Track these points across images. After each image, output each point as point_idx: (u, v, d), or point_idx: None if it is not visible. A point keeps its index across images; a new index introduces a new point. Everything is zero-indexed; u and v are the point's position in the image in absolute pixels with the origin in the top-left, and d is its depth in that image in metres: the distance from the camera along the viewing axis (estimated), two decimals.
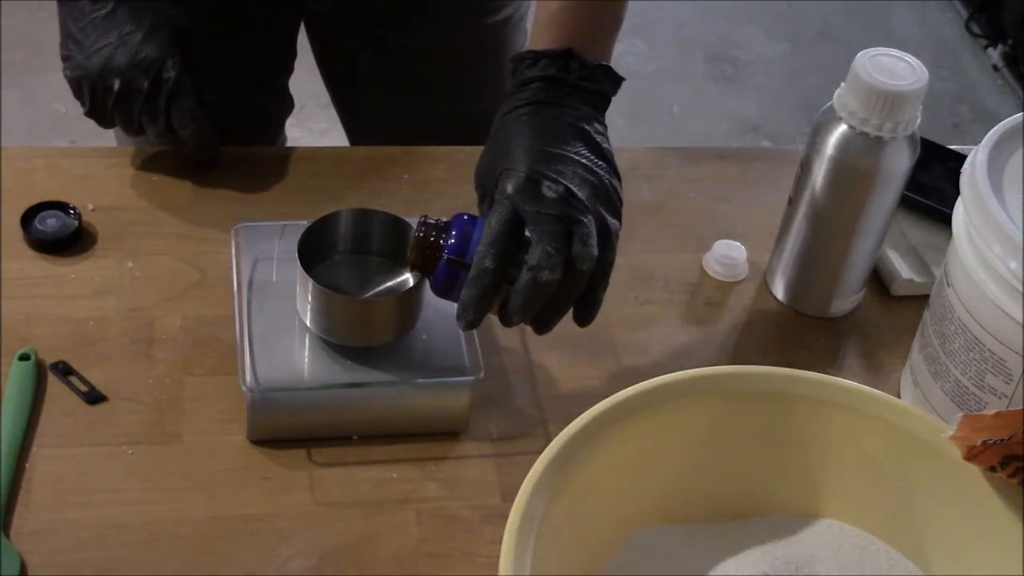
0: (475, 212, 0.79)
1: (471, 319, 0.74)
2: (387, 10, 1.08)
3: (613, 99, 0.84)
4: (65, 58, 0.91)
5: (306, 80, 1.20)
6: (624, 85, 0.85)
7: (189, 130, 0.92)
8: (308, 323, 0.79)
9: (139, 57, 0.89)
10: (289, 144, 1.23)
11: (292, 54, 1.15)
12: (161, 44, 0.90)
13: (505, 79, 0.81)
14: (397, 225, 0.83)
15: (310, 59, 1.16)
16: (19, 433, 0.77)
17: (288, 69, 1.17)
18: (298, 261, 0.78)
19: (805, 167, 0.88)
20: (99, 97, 0.91)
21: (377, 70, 1.12)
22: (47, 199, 0.91)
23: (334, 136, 1.58)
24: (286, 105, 1.20)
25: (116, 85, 0.89)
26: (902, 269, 0.95)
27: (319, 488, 0.78)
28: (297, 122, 1.23)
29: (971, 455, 0.69)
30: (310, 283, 0.77)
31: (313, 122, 2.12)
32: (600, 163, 0.77)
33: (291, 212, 0.94)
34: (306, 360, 0.80)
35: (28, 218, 0.90)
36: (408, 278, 0.83)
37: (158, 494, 0.76)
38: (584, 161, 0.76)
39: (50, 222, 0.90)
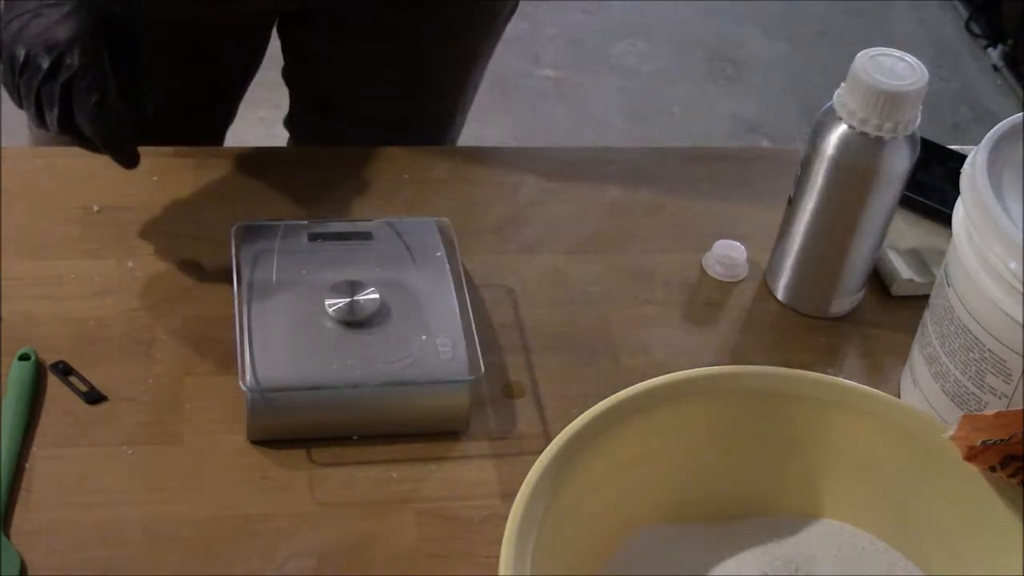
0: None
1: None
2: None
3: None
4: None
5: None
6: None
7: (88, 129, 0.82)
8: None
9: (47, 33, 0.80)
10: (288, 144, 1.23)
11: (251, 75, 1.15)
12: (76, 28, 0.80)
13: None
14: None
15: None
16: (19, 433, 0.77)
17: (243, 88, 1.16)
18: None
19: (805, 167, 0.88)
20: (7, 64, 0.82)
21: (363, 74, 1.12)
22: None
23: None
24: (230, 117, 1.19)
25: (21, 56, 0.81)
26: (902, 269, 0.95)
27: (319, 488, 0.78)
28: None
29: (971, 455, 0.69)
30: None
31: None
32: None
33: (291, 212, 0.94)
34: (306, 360, 0.80)
35: None
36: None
37: (158, 494, 0.76)
38: None
39: None
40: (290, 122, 1.21)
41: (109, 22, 0.82)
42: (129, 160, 0.84)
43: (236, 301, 0.82)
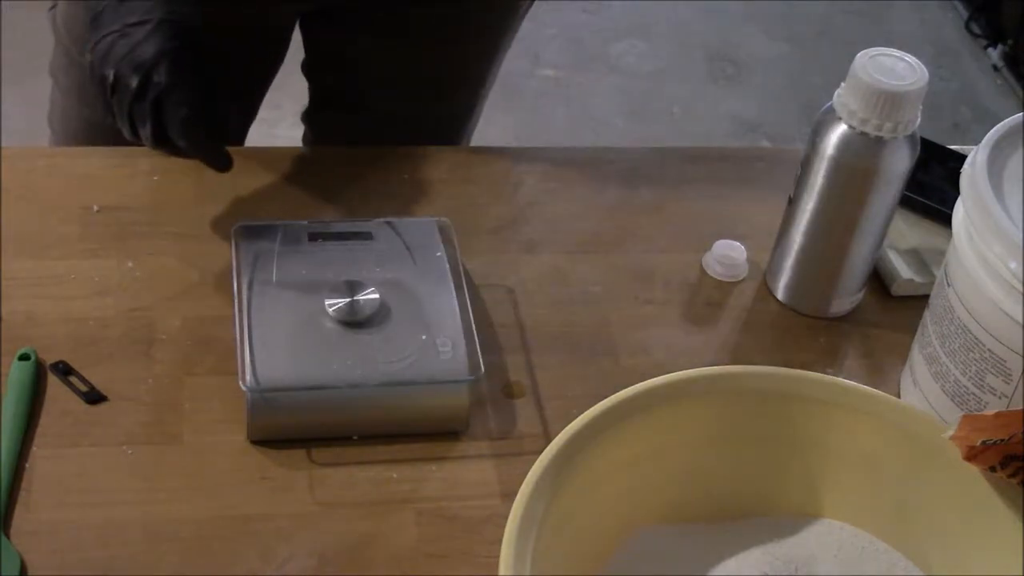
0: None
1: None
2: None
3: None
4: (87, 40, 0.88)
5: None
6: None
7: (181, 142, 0.86)
8: None
9: (133, 53, 0.84)
10: (289, 144, 1.23)
11: (273, 73, 1.15)
12: (160, 45, 0.84)
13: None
14: None
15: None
16: (19, 433, 0.77)
17: (265, 87, 1.16)
18: None
19: (805, 167, 0.88)
20: (98, 85, 0.87)
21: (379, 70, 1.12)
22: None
23: None
24: (251, 116, 1.19)
25: (110, 76, 0.85)
26: (902, 269, 0.95)
27: (319, 488, 0.78)
28: (297, 122, 1.23)
29: (971, 455, 0.69)
30: None
31: None
32: None
33: (291, 212, 0.94)
34: (306, 360, 0.80)
35: None
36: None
37: (158, 494, 0.76)
38: None
39: None
40: (309, 118, 1.21)
41: (191, 35, 0.84)
42: (222, 164, 0.87)
43: (236, 301, 0.82)
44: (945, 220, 0.84)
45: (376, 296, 0.82)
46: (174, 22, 0.84)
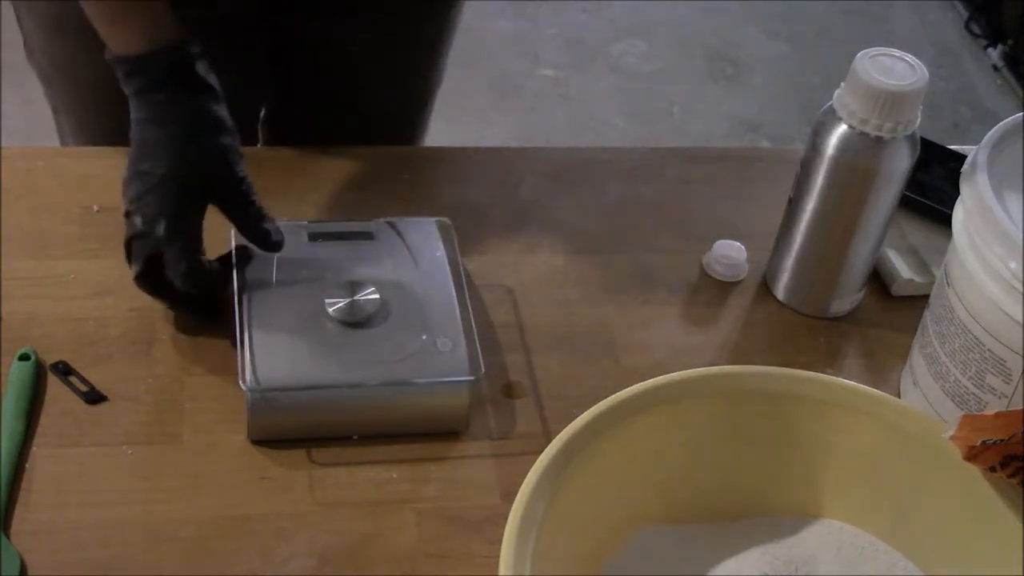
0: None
1: None
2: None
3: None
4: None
5: None
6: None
7: (187, 287, 0.83)
8: None
9: (140, 199, 0.82)
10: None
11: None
12: (161, 203, 0.82)
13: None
14: None
15: None
16: (19, 433, 0.77)
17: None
18: None
19: (805, 167, 0.88)
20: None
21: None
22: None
23: None
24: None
25: (124, 206, 0.83)
26: (902, 269, 0.95)
27: (319, 488, 0.78)
28: None
29: (971, 455, 0.69)
30: None
31: None
32: None
33: (291, 212, 0.94)
34: (306, 360, 0.80)
35: None
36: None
37: (158, 494, 0.76)
38: None
39: None
40: (268, 120, 1.20)
41: (192, 191, 0.82)
42: (208, 314, 0.86)
43: (236, 301, 0.82)
44: (945, 220, 0.84)
45: (376, 296, 0.82)
46: (177, 179, 0.82)
